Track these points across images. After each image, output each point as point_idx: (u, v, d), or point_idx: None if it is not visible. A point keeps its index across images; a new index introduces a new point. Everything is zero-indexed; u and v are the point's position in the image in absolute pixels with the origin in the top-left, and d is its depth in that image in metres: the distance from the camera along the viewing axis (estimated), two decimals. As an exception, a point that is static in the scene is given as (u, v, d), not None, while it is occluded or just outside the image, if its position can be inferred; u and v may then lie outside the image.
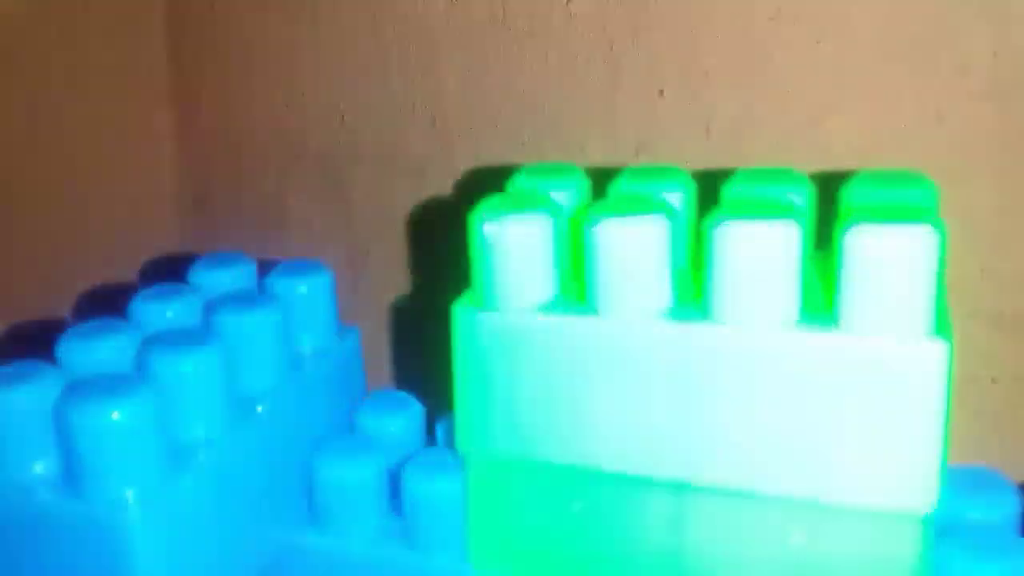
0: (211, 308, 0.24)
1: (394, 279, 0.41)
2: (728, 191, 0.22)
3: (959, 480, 0.23)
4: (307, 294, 0.25)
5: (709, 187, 0.24)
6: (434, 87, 0.40)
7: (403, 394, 0.28)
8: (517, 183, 0.23)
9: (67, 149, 0.50)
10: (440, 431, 0.27)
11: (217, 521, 0.22)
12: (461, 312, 0.22)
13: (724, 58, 0.34)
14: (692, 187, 0.23)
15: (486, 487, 0.23)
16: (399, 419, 0.26)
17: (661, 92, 0.35)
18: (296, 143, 0.46)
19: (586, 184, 0.23)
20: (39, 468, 0.21)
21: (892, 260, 0.18)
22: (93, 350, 0.22)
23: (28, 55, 0.45)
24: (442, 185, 0.42)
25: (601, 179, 0.25)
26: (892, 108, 0.32)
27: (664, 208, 0.20)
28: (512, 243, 0.20)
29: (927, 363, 0.19)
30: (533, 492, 0.22)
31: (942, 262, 0.19)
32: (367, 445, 0.25)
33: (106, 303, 0.25)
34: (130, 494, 0.20)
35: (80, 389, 0.20)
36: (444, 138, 0.41)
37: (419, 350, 0.41)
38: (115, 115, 0.54)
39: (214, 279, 0.25)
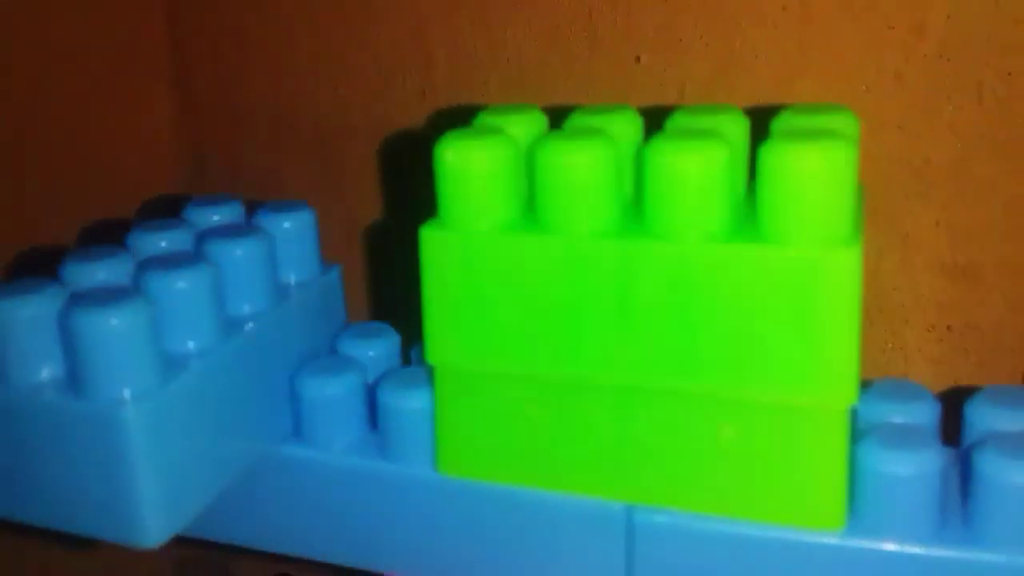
0: (203, 238, 0.26)
1: (382, 236, 0.44)
2: (670, 123, 0.24)
3: (884, 389, 0.25)
4: (291, 228, 0.28)
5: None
6: (423, 60, 0.43)
7: (381, 323, 0.30)
8: (480, 119, 0.25)
9: (70, 123, 0.53)
10: (414, 355, 0.29)
11: (207, 425, 0.24)
12: (427, 234, 0.24)
13: (697, 25, 0.36)
14: (638, 121, 0.25)
15: (452, 396, 0.25)
16: (377, 345, 0.29)
17: (638, 59, 0.37)
18: (290, 116, 0.49)
19: (542, 119, 0.26)
20: (45, 373, 0.23)
21: (806, 173, 0.20)
22: (94, 270, 0.24)
23: (35, 35, 0.48)
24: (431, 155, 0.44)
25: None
26: (854, 69, 0.34)
27: (606, 137, 0.23)
28: (471, 168, 0.23)
29: (842, 268, 0.21)
30: (493, 399, 0.24)
31: (855, 180, 0.21)
32: (347, 366, 0.27)
33: (106, 237, 0.27)
34: (127, 393, 0.22)
35: (81, 299, 0.23)
36: (433, 108, 0.43)
37: (398, 290, 0.43)
38: (116, 91, 0.57)
39: (206, 215, 0.28)
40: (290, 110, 0.48)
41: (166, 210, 0.30)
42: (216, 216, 0.28)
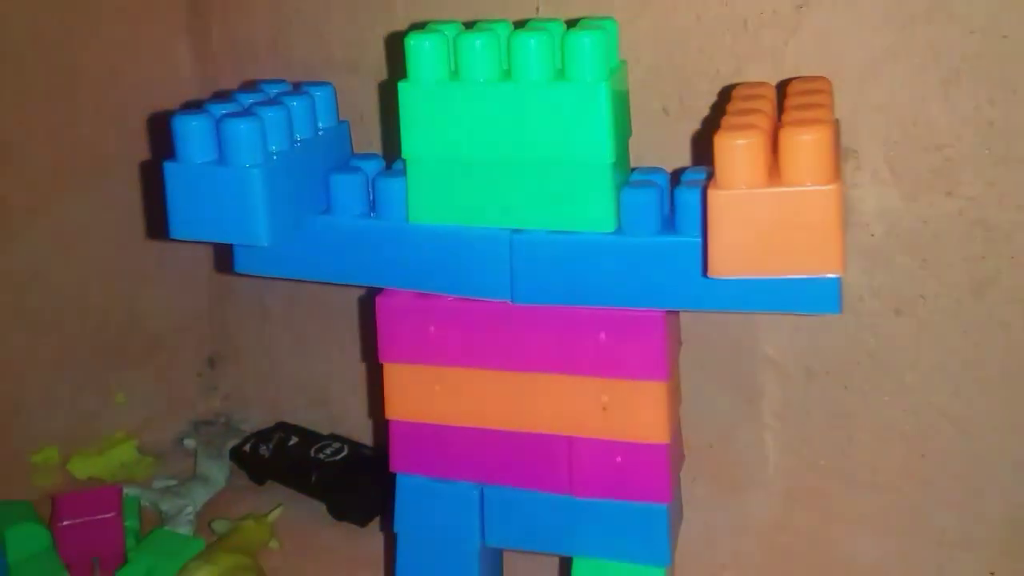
0: (277, 95, 0.48)
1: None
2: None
3: (643, 170, 0.48)
4: (322, 95, 0.50)
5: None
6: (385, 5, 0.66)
7: (373, 153, 0.52)
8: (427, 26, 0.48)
9: (105, 67, 0.76)
10: (394, 167, 0.51)
11: (286, 190, 0.46)
12: (402, 87, 0.46)
13: None
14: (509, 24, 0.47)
15: (416, 177, 0.47)
16: (371, 162, 0.51)
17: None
18: (286, 56, 0.71)
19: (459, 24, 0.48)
20: (203, 155, 0.45)
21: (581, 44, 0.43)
22: (228, 105, 0.46)
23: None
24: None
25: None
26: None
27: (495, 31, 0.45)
28: (425, 45, 0.45)
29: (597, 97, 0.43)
30: (439, 177, 0.47)
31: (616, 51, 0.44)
32: (355, 170, 0.50)
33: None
34: (250, 164, 0.44)
35: (228, 115, 0.45)
36: (396, 45, 0.66)
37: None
38: (141, 41, 0.80)
39: (274, 87, 0.50)
40: (286, 52, 0.71)
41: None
42: (279, 88, 0.50)
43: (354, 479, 0.82)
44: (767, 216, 0.38)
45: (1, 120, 0.78)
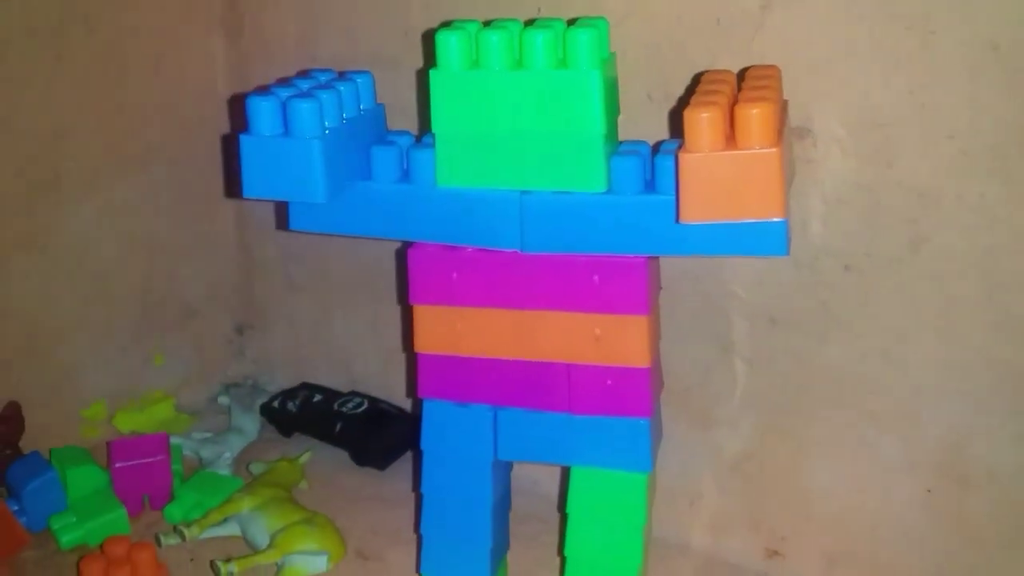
0: (328, 81, 0.58)
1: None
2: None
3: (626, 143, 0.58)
4: (363, 81, 0.60)
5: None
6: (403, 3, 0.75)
7: (404, 130, 0.62)
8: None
9: (150, 62, 0.86)
10: (423, 139, 0.61)
11: (339, 159, 0.56)
12: (433, 74, 0.56)
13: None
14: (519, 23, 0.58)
15: (444, 148, 0.57)
16: (407, 137, 0.61)
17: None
18: (311, 51, 0.81)
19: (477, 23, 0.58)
20: (272, 130, 0.55)
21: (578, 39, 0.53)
22: (291, 88, 0.56)
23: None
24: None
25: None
26: None
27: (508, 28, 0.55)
28: (452, 40, 0.55)
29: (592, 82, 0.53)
30: (460, 149, 0.57)
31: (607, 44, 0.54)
32: (390, 144, 0.60)
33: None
34: (311, 135, 0.55)
35: (291, 97, 0.55)
36: (413, 39, 0.76)
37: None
38: (180, 39, 0.90)
39: (323, 75, 0.60)
40: (311, 47, 0.81)
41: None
42: (328, 76, 0.60)
43: (374, 428, 0.91)
44: (725, 173, 0.48)
45: (60, 108, 0.87)
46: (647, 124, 0.69)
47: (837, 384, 0.71)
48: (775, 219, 0.49)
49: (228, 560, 0.75)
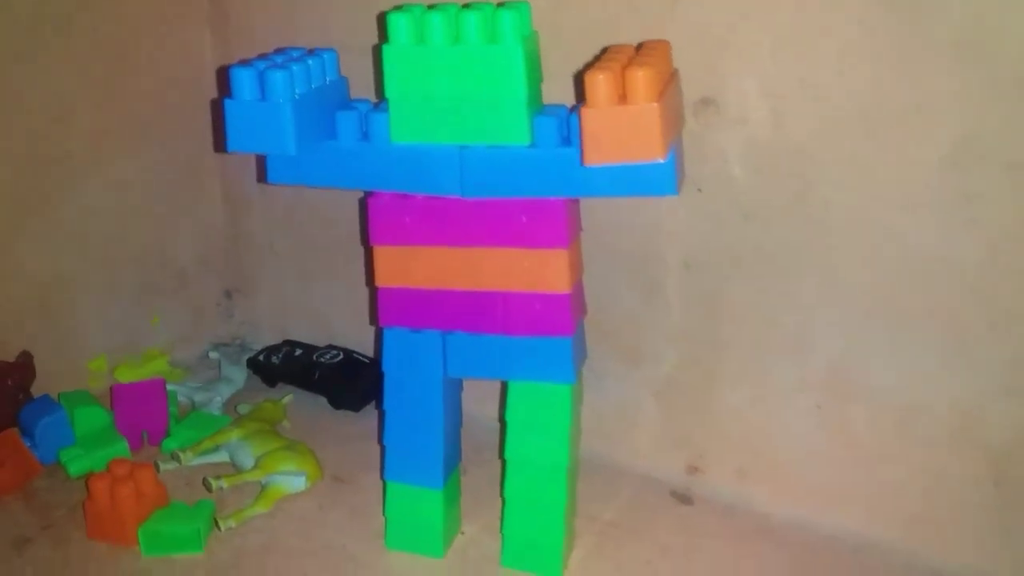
0: (298, 56, 0.70)
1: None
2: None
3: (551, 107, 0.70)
4: (328, 57, 0.72)
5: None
6: None
7: (364, 99, 0.74)
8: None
9: (145, 50, 0.97)
10: (380, 105, 0.73)
11: (307, 120, 0.68)
12: (385, 48, 0.68)
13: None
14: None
15: (397, 110, 0.69)
16: (365, 104, 0.73)
17: None
18: (289, 41, 0.92)
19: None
20: (254, 94, 0.67)
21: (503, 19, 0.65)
22: (265, 61, 0.68)
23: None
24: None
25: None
26: None
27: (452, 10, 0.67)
28: (401, 20, 0.67)
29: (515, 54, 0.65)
30: (409, 108, 0.69)
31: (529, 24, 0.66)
32: (353, 107, 0.71)
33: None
34: (283, 99, 0.66)
35: (268, 66, 0.67)
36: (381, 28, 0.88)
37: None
38: (173, 29, 1.01)
39: (294, 52, 0.72)
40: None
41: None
42: (299, 52, 0.72)
43: (349, 376, 1.03)
44: (617, 123, 0.60)
45: (68, 89, 0.99)
46: (570, 91, 0.81)
47: (741, 318, 0.83)
48: (660, 161, 0.60)
49: (218, 477, 0.87)
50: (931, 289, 0.73)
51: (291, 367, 1.06)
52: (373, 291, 0.76)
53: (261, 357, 1.08)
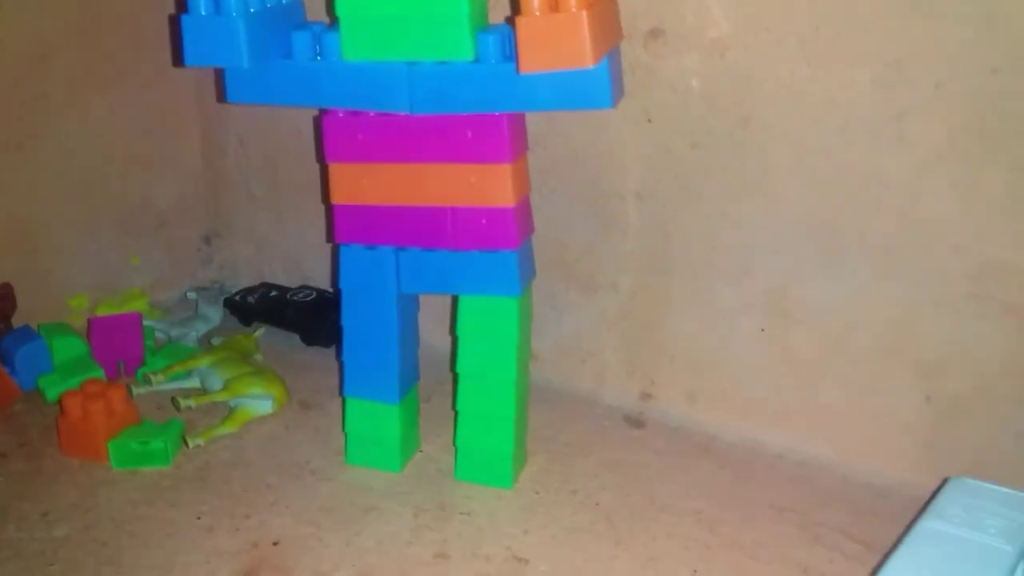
0: None
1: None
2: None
3: None
4: None
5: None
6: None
7: (320, 21, 0.77)
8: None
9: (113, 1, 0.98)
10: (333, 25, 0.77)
11: (265, 35, 0.71)
12: None
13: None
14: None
15: (348, 35, 0.72)
16: (319, 25, 0.76)
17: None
18: None
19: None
20: (206, 11, 0.70)
21: None
22: None
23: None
24: None
25: None
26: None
27: None
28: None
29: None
30: (360, 34, 0.72)
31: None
32: (307, 28, 0.75)
33: None
34: (237, 14, 0.69)
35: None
36: None
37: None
38: None
39: None
40: None
41: None
42: None
43: (322, 314, 1.06)
44: (548, 31, 0.63)
45: (46, 32, 1.02)
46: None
47: (689, 246, 0.86)
48: (590, 67, 0.63)
49: (187, 396, 0.90)
50: (863, 208, 0.76)
51: (266, 306, 1.09)
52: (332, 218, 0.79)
53: (237, 297, 1.12)
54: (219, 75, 0.76)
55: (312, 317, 1.06)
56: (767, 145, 0.79)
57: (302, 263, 1.13)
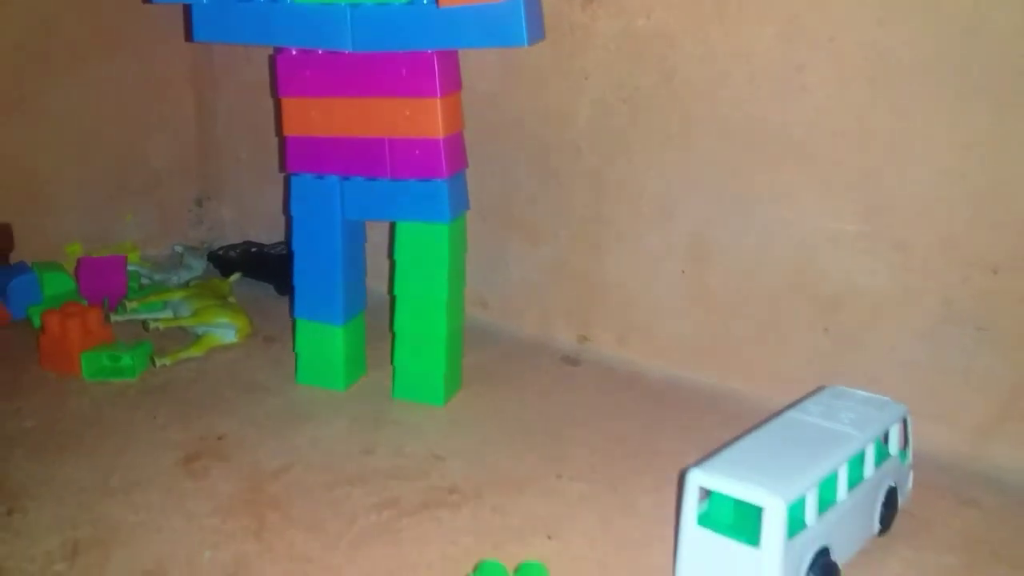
0: None
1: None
2: None
3: None
4: None
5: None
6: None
7: None
8: None
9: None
10: None
11: None
12: None
13: None
14: None
15: None
16: None
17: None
18: None
19: None
20: None
21: None
22: None
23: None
24: None
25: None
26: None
27: None
28: None
29: None
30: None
31: None
32: None
33: None
34: None
35: None
36: None
37: None
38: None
39: None
40: None
41: None
42: None
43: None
44: (465, -32, 0.72)
45: (51, -2, 1.11)
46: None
47: (620, 194, 0.93)
48: (505, 2, 0.71)
49: (156, 320, 0.98)
50: (768, 154, 0.83)
51: (245, 259, 1.17)
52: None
53: (220, 251, 1.20)
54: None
55: (286, 268, 1.13)
56: (687, 98, 0.86)
57: (280, 221, 1.22)
